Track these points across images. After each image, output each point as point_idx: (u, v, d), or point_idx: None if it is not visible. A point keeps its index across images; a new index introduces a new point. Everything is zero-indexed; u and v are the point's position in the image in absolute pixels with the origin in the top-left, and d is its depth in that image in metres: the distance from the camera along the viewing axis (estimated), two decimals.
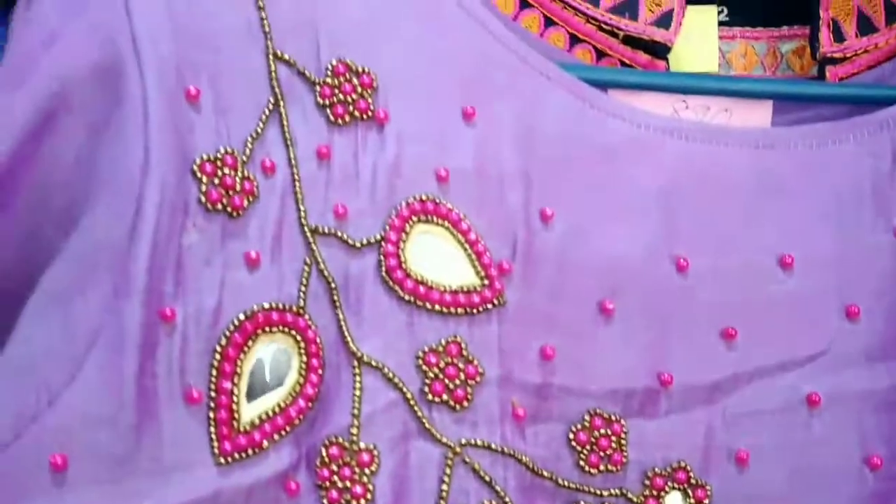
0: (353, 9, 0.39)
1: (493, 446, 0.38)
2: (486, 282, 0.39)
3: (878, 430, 0.41)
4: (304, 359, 0.36)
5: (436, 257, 0.38)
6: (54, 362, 0.33)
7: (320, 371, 0.36)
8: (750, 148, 0.42)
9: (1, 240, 0.35)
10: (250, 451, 0.35)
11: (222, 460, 0.34)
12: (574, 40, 0.47)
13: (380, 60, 0.39)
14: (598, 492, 0.40)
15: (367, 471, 0.36)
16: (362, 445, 0.36)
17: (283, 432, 0.36)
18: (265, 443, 0.35)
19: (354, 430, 0.36)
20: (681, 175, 0.42)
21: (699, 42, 0.50)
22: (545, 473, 0.39)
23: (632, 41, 0.46)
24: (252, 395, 0.36)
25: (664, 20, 0.46)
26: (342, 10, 0.39)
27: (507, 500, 0.37)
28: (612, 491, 0.40)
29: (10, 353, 0.34)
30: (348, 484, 0.35)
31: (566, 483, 0.39)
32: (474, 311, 0.38)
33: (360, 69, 0.38)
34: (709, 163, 0.42)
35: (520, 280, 0.39)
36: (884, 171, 0.43)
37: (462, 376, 0.37)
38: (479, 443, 0.38)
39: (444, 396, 0.37)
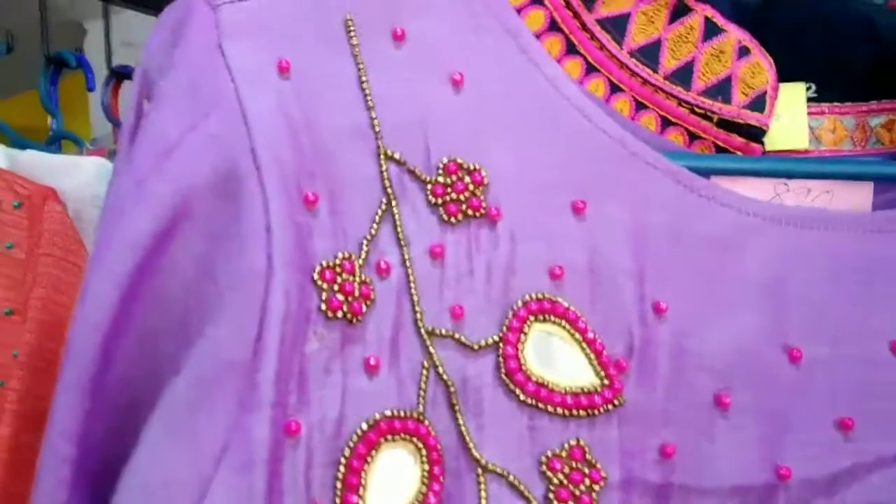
0: (461, 107, 0.39)
1: None
2: (605, 381, 0.38)
3: None
4: (427, 467, 0.35)
5: (555, 358, 0.38)
6: (183, 485, 0.32)
7: (442, 479, 0.35)
8: (858, 232, 0.42)
9: (123, 362, 0.35)
10: None
11: None
12: (665, 123, 0.46)
13: (490, 158, 0.38)
14: None
15: None
16: None
17: None
18: None
19: None
20: (789, 262, 0.41)
21: (789, 119, 0.49)
22: None
23: (726, 124, 0.46)
24: None
25: (758, 103, 0.46)
26: (450, 108, 0.38)
27: None
28: None
29: (136, 478, 0.33)
30: None
31: None
32: (595, 412, 0.38)
33: (471, 167, 0.38)
34: (816, 249, 0.41)
35: (637, 377, 0.39)
36: None
37: (587, 482, 0.37)
38: None
39: (570, 503, 0.36)
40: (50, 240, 0.63)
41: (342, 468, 0.34)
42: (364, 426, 0.35)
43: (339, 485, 0.34)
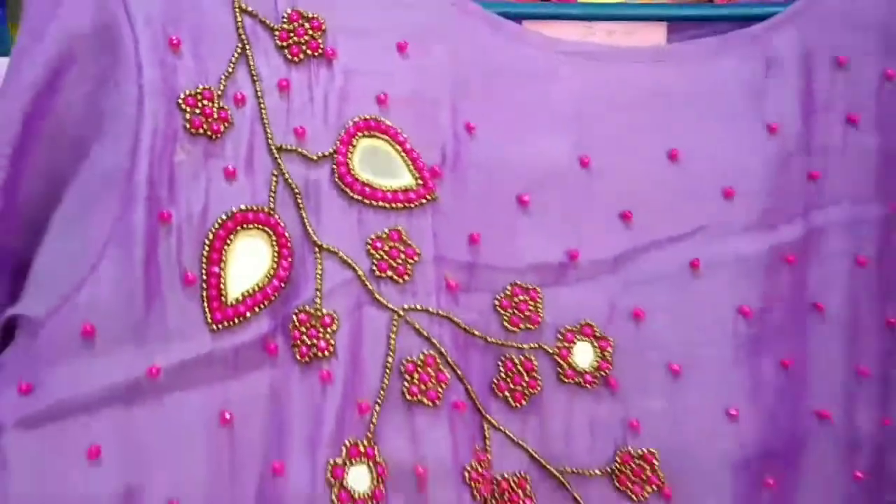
0: None
1: (431, 310, 0.48)
2: (420, 182, 0.48)
3: (748, 286, 0.51)
4: (277, 249, 0.46)
5: (379, 165, 0.48)
6: (78, 260, 0.43)
7: (289, 258, 0.46)
8: (649, 64, 0.51)
9: (29, 175, 0.45)
10: (236, 321, 0.45)
11: (214, 328, 0.45)
12: None
13: (333, 9, 0.48)
14: (520, 346, 0.50)
15: (328, 330, 0.46)
16: (324, 311, 0.46)
17: (261, 306, 0.45)
18: (248, 314, 0.45)
19: (318, 301, 0.46)
20: (588, 90, 0.51)
21: None
22: (476, 333, 0.49)
23: None
24: (236, 279, 0.46)
25: None
26: None
27: (443, 351, 0.47)
28: (532, 345, 0.50)
29: (41, 260, 0.44)
30: (315, 341, 0.45)
31: (494, 340, 0.49)
32: (412, 205, 0.48)
33: (310, 15, 0.48)
34: (613, 78, 0.51)
35: (450, 180, 0.49)
36: (758, 77, 0.52)
37: (403, 256, 0.47)
38: (419, 307, 0.48)
39: (389, 272, 0.47)
40: None
41: (206, 248, 0.45)
42: (224, 216, 0.45)
43: (204, 260, 0.45)
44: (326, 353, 0.45)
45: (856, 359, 0.53)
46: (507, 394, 0.49)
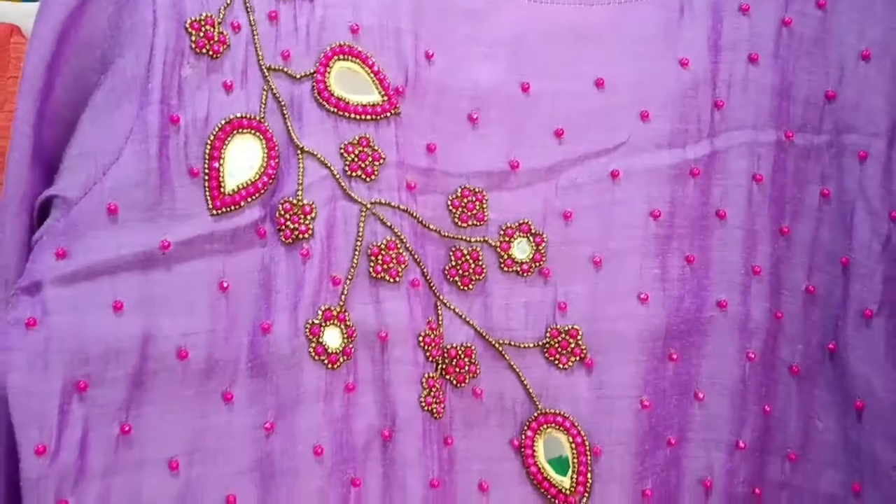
0: None
1: (393, 205, 0.58)
2: (385, 98, 0.58)
3: (658, 194, 0.61)
4: (266, 150, 0.56)
5: (352, 84, 0.58)
6: (105, 151, 0.52)
7: (276, 159, 0.56)
8: (577, 5, 0.61)
9: (62, 82, 0.55)
10: (233, 208, 0.55)
11: (214, 213, 0.54)
12: None
13: None
14: (468, 239, 0.60)
15: (308, 218, 0.56)
16: (305, 202, 0.56)
17: (253, 197, 0.55)
18: (242, 203, 0.55)
19: (300, 194, 0.56)
20: (527, 26, 0.61)
21: None
22: (431, 227, 0.59)
23: None
24: (232, 173, 0.55)
25: None
26: None
27: (403, 239, 0.58)
28: (478, 239, 0.60)
29: (72, 152, 0.53)
30: (297, 226, 0.55)
31: (446, 234, 0.59)
32: (378, 118, 0.58)
33: None
34: (547, 16, 0.61)
35: (411, 99, 0.59)
36: (673, 19, 0.62)
37: (370, 159, 0.57)
38: (383, 202, 0.58)
39: (359, 172, 0.57)
40: (16, 65, 0.82)
41: (208, 146, 0.54)
42: (223, 122, 0.55)
43: (206, 156, 0.55)
44: (306, 235, 0.55)
45: (752, 259, 0.62)
46: (457, 279, 0.59)
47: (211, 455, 0.52)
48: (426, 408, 0.55)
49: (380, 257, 0.56)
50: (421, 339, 0.57)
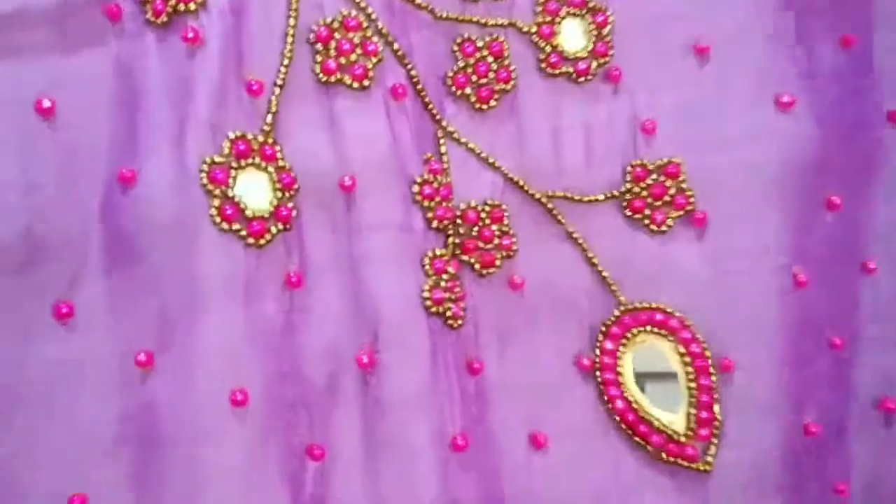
0: None
1: None
2: None
3: None
4: None
5: None
6: None
7: None
8: None
9: None
10: None
11: None
12: None
13: None
14: (483, 21, 0.35)
15: None
16: None
17: None
18: None
19: None
20: None
21: None
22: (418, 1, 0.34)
23: None
24: None
25: None
26: None
27: (370, 13, 0.33)
28: (500, 21, 0.35)
29: None
30: None
31: (445, 14, 0.34)
32: None
33: None
34: None
35: None
36: None
37: None
38: None
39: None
40: None
41: None
42: None
43: None
44: (192, 7, 0.30)
45: None
46: (468, 91, 0.34)
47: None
48: (433, 308, 0.31)
49: (331, 45, 0.30)
50: (417, 189, 0.32)
